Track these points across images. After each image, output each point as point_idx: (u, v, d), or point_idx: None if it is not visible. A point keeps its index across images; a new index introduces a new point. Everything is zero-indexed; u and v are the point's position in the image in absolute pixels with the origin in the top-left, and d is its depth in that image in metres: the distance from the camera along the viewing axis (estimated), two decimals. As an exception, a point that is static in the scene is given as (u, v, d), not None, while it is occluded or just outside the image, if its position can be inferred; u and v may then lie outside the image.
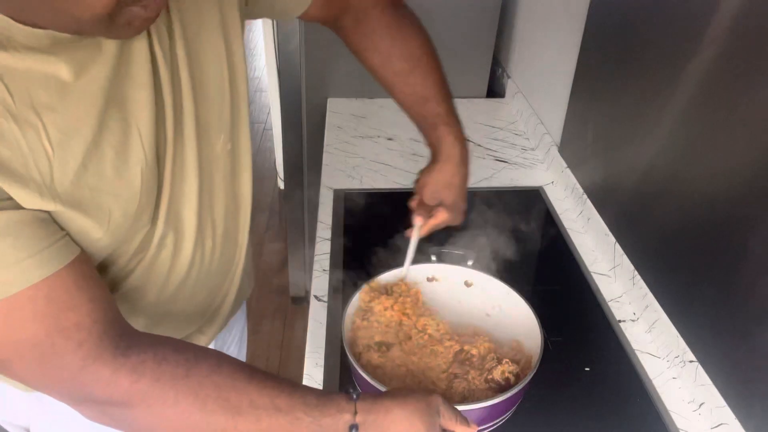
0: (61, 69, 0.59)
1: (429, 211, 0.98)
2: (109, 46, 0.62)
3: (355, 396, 0.69)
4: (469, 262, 1.04)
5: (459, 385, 0.87)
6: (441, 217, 0.97)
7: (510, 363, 0.89)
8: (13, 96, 0.56)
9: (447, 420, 0.72)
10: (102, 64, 0.62)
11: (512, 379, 0.87)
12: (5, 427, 0.89)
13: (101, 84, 0.62)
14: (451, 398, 0.85)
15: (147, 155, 0.67)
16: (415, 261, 1.01)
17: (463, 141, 0.98)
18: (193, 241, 0.80)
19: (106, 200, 0.64)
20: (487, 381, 0.88)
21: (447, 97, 1.01)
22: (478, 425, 0.83)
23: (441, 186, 0.97)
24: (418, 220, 0.98)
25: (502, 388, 0.87)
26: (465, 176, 0.98)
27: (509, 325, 0.98)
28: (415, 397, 0.71)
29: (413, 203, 1.00)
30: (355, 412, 0.68)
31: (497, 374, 0.88)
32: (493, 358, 0.90)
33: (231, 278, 0.93)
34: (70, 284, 0.60)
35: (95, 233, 0.65)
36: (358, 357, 0.90)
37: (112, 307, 0.65)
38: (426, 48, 1.02)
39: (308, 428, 0.66)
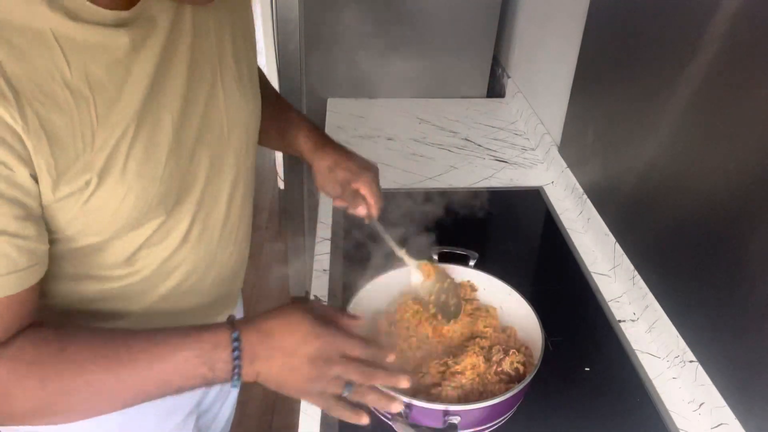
0: (117, 45, 0.63)
1: (353, 196, 0.99)
2: (160, 31, 0.67)
3: (230, 317, 0.73)
4: (471, 263, 1.04)
5: (473, 382, 0.87)
6: (365, 182, 0.98)
7: (516, 353, 0.90)
8: (70, 67, 0.60)
9: (325, 313, 0.72)
10: (152, 48, 0.66)
11: (521, 368, 0.89)
12: (5, 428, 0.89)
13: (149, 67, 0.66)
14: (449, 394, 0.86)
15: (172, 144, 0.71)
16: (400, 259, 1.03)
17: (314, 128, 1.06)
18: (217, 239, 0.83)
19: (130, 177, 0.66)
20: (497, 374, 0.89)
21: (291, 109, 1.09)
22: (480, 425, 0.84)
23: (339, 163, 1.00)
24: (362, 210, 0.99)
25: (512, 379, 0.88)
26: (338, 144, 1.05)
27: (511, 325, 0.98)
28: (289, 306, 0.71)
29: (338, 202, 1.02)
30: (233, 324, 0.68)
31: (507, 365, 0.89)
32: (499, 351, 0.90)
33: (238, 278, 0.96)
34: (3, 306, 0.62)
35: (111, 209, 0.67)
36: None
37: (24, 315, 0.66)
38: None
39: (189, 348, 0.66)
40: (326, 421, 0.91)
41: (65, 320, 0.77)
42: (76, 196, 0.63)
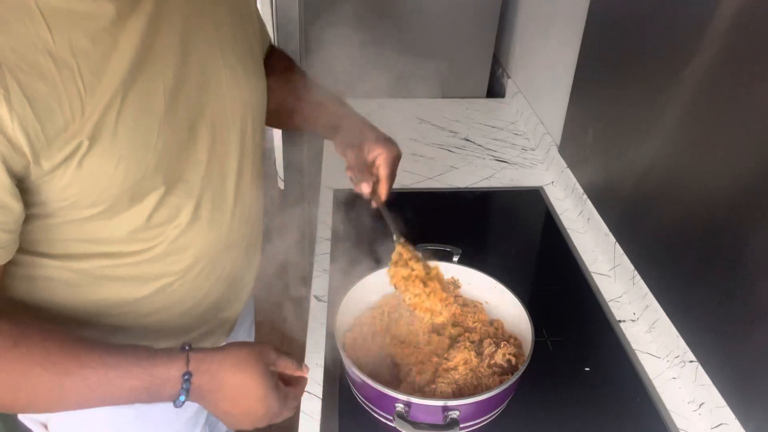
0: (101, 14, 0.63)
1: (369, 169, 0.93)
2: (146, 1, 0.68)
3: (187, 347, 0.71)
4: (455, 258, 1.04)
5: (466, 377, 0.88)
6: (384, 159, 0.92)
7: (507, 344, 0.90)
8: (53, 36, 0.60)
9: (282, 366, 0.76)
10: (138, 19, 0.67)
11: (513, 360, 0.89)
12: (24, 422, 0.90)
13: (135, 36, 0.66)
14: (443, 387, 0.87)
15: (166, 114, 0.71)
16: None
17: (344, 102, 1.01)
18: (229, 219, 0.83)
19: (121, 143, 0.67)
20: (490, 366, 0.89)
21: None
22: (477, 417, 0.84)
23: (358, 131, 0.95)
24: (366, 187, 0.92)
25: (505, 371, 0.88)
26: (363, 118, 1.00)
27: (498, 317, 0.99)
28: (247, 348, 0.74)
29: (350, 173, 0.95)
30: (188, 361, 0.70)
31: (499, 358, 0.89)
32: (491, 344, 0.91)
33: (252, 266, 0.97)
34: None
35: (105, 177, 0.67)
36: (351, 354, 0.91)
37: None
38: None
39: (139, 379, 0.68)
40: (326, 422, 0.91)
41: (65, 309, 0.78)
42: (69, 161, 0.64)
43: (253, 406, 0.73)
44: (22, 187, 0.64)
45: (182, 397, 0.70)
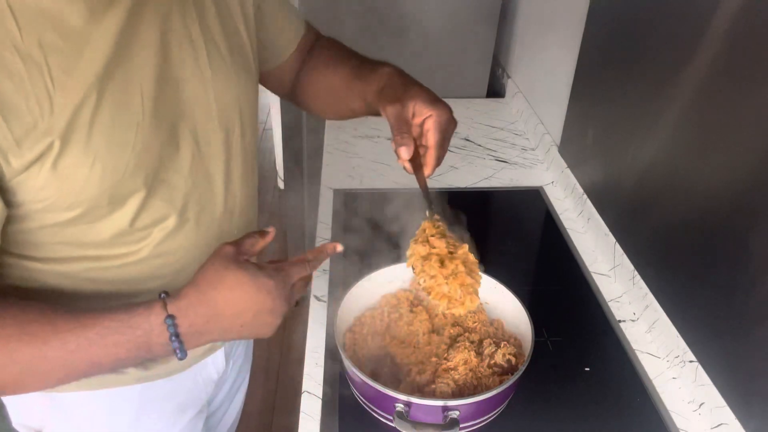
0: (73, 12, 0.62)
1: (412, 131, 0.79)
2: (122, 1, 0.66)
3: (163, 295, 0.68)
4: None
5: (466, 377, 0.88)
6: (434, 122, 0.78)
7: (508, 345, 0.91)
8: (21, 31, 0.60)
9: (248, 245, 0.71)
10: (114, 16, 0.66)
11: (513, 360, 0.89)
12: (18, 429, 0.89)
13: (110, 35, 0.65)
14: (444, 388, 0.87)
15: (145, 114, 0.69)
16: (400, 258, 0.99)
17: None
18: (219, 220, 0.82)
19: (96, 144, 0.66)
20: (490, 366, 0.89)
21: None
22: (477, 417, 0.84)
23: (403, 87, 0.81)
24: (405, 152, 0.77)
25: (505, 371, 0.89)
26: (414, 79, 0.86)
27: (498, 316, 0.99)
28: (207, 262, 0.68)
29: (396, 140, 0.78)
30: (165, 305, 0.66)
31: (499, 358, 0.89)
32: (491, 344, 0.91)
33: None
34: None
35: (80, 178, 0.66)
36: (354, 356, 0.91)
37: None
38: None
39: (118, 332, 0.65)
40: (326, 421, 0.91)
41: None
42: (42, 160, 0.63)
43: (255, 299, 0.67)
44: (0, 186, 0.64)
45: (174, 344, 0.65)
